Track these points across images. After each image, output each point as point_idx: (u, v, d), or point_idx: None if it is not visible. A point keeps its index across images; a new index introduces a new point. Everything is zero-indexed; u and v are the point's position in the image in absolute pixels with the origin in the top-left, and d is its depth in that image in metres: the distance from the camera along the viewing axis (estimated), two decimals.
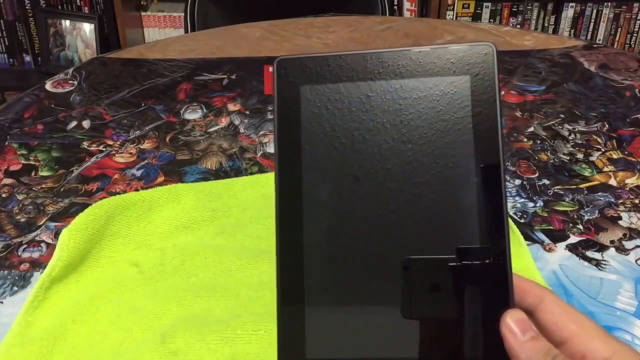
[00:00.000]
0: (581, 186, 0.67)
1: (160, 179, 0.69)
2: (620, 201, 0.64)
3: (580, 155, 0.72)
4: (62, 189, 0.67)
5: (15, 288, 0.54)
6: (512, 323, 0.29)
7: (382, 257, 0.30)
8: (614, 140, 0.75)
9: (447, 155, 0.30)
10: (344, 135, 0.31)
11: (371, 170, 0.31)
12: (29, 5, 2.04)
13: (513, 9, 2.02)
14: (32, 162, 0.72)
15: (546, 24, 2.03)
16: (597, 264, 0.56)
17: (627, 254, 0.57)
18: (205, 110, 0.84)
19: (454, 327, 0.30)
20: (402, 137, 0.31)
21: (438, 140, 0.30)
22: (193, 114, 0.83)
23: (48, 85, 0.91)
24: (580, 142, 0.75)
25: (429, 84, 0.31)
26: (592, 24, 2.02)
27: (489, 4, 2.01)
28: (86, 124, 0.80)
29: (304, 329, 0.30)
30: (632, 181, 0.67)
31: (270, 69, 0.95)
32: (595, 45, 1.04)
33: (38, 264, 0.57)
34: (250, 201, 0.63)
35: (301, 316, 0.31)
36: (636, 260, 0.56)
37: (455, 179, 0.30)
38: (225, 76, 0.94)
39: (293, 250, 0.31)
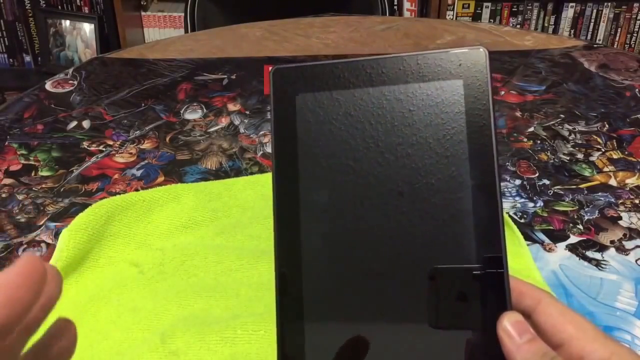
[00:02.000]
0: (581, 186, 0.67)
1: (160, 179, 0.69)
2: (620, 201, 0.64)
3: (580, 155, 0.72)
4: (62, 189, 0.67)
5: None
6: (508, 325, 0.29)
7: (380, 266, 0.30)
8: (614, 140, 0.75)
9: (442, 160, 0.30)
10: (341, 143, 0.31)
11: (368, 177, 0.31)
12: (29, 5, 2.04)
13: (513, 9, 2.02)
14: (32, 162, 0.72)
15: (546, 24, 2.03)
16: (597, 264, 0.56)
17: (627, 254, 0.57)
18: (205, 110, 0.84)
19: (451, 331, 0.30)
20: (397, 143, 0.31)
21: (433, 145, 0.31)
22: (193, 114, 0.83)
23: (48, 85, 0.91)
24: (580, 142, 0.75)
25: (423, 89, 0.31)
26: (592, 24, 2.02)
27: (489, 4, 2.01)
28: (86, 124, 0.80)
29: (304, 339, 0.30)
30: (632, 181, 0.67)
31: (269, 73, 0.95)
32: (595, 45, 1.04)
33: None
34: (251, 201, 0.63)
35: (301, 328, 0.31)
36: (636, 260, 0.56)
37: (450, 183, 0.30)
38: (225, 76, 0.94)
39: (292, 261, 0.31)
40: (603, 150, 0.73)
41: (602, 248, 0.58)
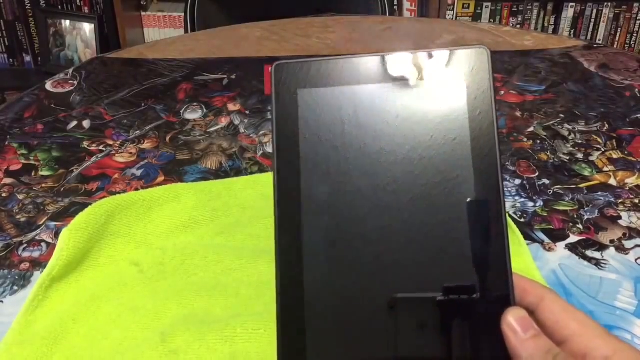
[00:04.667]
0: (581, 186, 0.67)
1: (160, 178, 0.69)
2: (620, 201, 0.64)
3: (580, 155, 0.72)
4: (62, 189, 0.67)
5: (15, 287, 0.54)
6: (513, 321, 0.29)
7: (382, 264, 0.30)
8: (614, 140, 0.75)
9: (444, 158, 0.30)
10: (343, 139, 0.31)
11: (370, 174, 0.31)
12: (29, 5, 2.05)
13: (513, 9, 2.02)
14: (32, 162, 0.72)
15: (546, 24, 2.03)
16: (597, 263, 0.56)
17: (626, 254, 0.57)
18: (205, 110, 0.84)
19: (456, 326, 0.30)
20: (399, 140, 0.31)
21: (435, 143, 0.31)
22: (193, 114, 0.83)
23: (48, 85, 0.91)
24: (580, 142, 0.75)
25: (426, 87, 0.31)
26: (592, 24, 2.02)
27: (489, 4, 2.01)
28: (86, 124, 0.80)
29: (304, 338, 0.30)
30: (631, 181, 0.67)
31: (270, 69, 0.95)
32: (595, 45, 1.04)
33: (38, 264, 0.57)
34: (251, 201, 0.63)
35: (301, 327, 0.31)
36: (636, 260, 0.56)
37: (453, 181, 0.30)
38: (225, 76, 0.94)
39: (293, 259, 0.31)
40: (603, 150, 0.73)
41: (602, 247, 0.58)
